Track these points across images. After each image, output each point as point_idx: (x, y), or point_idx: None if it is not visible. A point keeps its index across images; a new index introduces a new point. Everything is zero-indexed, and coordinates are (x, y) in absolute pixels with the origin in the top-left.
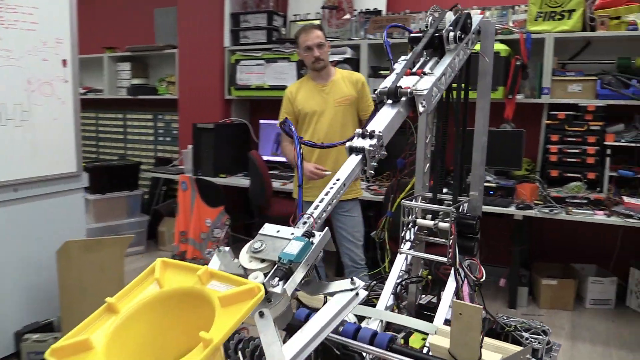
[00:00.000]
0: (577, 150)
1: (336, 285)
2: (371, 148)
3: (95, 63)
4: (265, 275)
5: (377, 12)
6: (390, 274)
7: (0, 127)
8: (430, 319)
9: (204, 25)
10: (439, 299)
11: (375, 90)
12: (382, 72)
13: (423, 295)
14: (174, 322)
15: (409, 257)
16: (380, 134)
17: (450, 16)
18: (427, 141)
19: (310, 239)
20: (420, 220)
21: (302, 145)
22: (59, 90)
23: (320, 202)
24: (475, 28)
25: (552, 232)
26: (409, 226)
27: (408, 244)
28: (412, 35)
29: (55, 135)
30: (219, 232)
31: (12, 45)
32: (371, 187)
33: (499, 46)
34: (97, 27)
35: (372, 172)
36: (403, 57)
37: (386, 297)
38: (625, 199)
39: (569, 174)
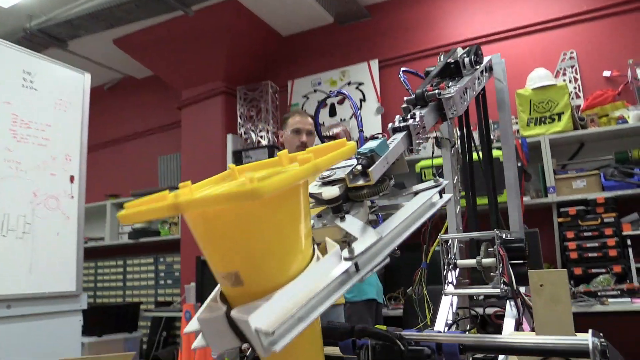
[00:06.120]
0: (596, 244)
1: (418, 186)
2: (416, 124)
3: (97, 211)
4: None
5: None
6: (437, 321)
7: (0, 238)
8: None
9: (206, 165)
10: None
11: None
12: None
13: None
14: None
15: (454, 303)
16: (422, 114)
17: (460, 50)
18: (454, 182)
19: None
20: (461, 261)
21: None
22: (64, 205)
23: None
24: (487, 62)
25: None
26: (450, 268)
27: (451, 286)
28: (427, 69)
29: (56, 251)
30: None
31: (22, 157)
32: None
33: (497, 152)
34: (101, 177)
35: (420, 149)
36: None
37: None
38: None
39: (593, 270)
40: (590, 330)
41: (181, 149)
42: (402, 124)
